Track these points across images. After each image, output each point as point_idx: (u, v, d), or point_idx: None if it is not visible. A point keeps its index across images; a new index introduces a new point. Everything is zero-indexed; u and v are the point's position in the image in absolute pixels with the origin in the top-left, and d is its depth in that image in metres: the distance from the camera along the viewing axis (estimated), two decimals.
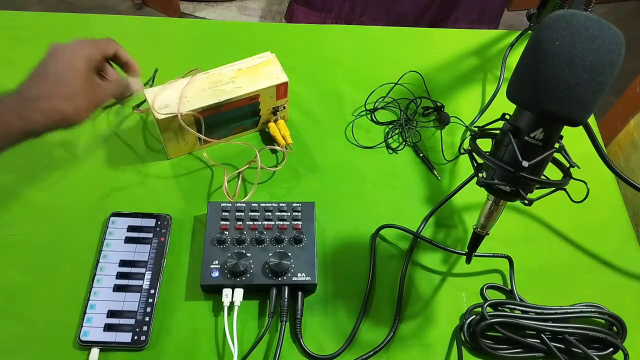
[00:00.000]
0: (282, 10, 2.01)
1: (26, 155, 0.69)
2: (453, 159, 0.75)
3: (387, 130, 0.77)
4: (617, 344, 0.58)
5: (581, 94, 0.40)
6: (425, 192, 0.71)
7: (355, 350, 0.58)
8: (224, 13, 2.04)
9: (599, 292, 0.65)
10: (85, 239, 0.63)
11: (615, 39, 0.40)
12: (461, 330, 0.60)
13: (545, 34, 0.41)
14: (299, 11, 1.77)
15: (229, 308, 0.58)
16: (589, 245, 0.69)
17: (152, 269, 0.61)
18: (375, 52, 0.87)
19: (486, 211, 0.52)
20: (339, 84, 0.81)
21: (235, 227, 0.62)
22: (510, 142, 0.44)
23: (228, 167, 0.70)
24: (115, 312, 0.58)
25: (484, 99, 0.82)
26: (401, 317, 0.61)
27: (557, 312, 0.60)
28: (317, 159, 0.73)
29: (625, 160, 0.94)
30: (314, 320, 0.60)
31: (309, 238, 0.62)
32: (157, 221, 0.64)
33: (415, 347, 0.59)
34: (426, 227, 0.68)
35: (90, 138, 0.72)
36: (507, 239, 0.67)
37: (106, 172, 0.69)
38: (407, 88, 0.81)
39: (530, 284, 0.64)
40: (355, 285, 0.63)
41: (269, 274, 0.59)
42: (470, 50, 0.88)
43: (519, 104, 0.45)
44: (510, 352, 0.58)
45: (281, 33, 0.90)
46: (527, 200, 0.47)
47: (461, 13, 1.73)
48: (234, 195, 0.68)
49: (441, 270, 0.65)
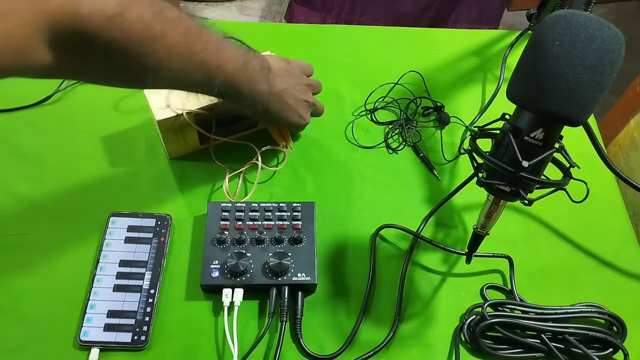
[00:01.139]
0: (282, 10, 2.01)
1: (26, 155, 0.69)
2: (453, 159, 0.75)
3: (387, 130, 0.77)
4: (617, 344, 0.58)
5: (581, 94, 0.40)
6: (425, 192, 0.71)
7: (355, 350, 0.58)
8: (224, 13, 2.04)
9: (599, 292, 0.65)
10: (85, 239, 0.63)
11: (615, 39, 0.40)
12: (461, 330, 0.60)
13: (545, 34, 0.41)
14: (299, 11, 1.77)
15: (229, 308, 0.58)
16: (589, 245, 0.69)
17: (152, 269, 0.61)
18: (375, 52, 0.87)
19: (486, 211, 0.52)
20: (339, 84, 0.81)
21: (235, 227, 0.62)
22: (510, 142, 0.44)
23: (228, 167, 0.70)
24: (115, 312, 0.58)
25: (484, 99, 0.82)
26: (401, 317, 0.61)
27: (557, 312, 0.60)
28: (317, 159, 0.73)
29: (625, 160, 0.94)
30: (314, 320, 0.60)
31: (309, 238, 0.62)
32: (157, 221, 0.64)
33: (415, 347, 0.59)
34: (426, 227, 0.68)
35: (91, 138, 0.72)
36: (507, 239, 0.67)
37: (106, 172, 0.69)
38: (407, 88, 0.81)
39: (530, 284, 0.64)
40: (355, 285, 0.63)
41: (269, 274, 0.59)
42: (470, 50, 0.88)
43: (518, 104, 0.45)
44: (510, 352, 0.58)
45: (281, 33, 0.90)
46: (527, 200, 0.47)
47: (461, 13, 1.73)
48: (234, 195, 0.68)
49: (441, 270, 0.65)
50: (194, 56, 0.49)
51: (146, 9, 0.44)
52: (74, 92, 0.76)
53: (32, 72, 0.40)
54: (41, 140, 0.71)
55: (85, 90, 0.77)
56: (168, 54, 0.47)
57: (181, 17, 0.48)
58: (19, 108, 0.73)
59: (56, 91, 0.75)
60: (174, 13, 0.47)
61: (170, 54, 0.47)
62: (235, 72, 0.53)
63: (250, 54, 0.56)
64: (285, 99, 0.61)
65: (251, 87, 0.56)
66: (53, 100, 0.75)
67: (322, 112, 0.70)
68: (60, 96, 0.76)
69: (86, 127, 0.73)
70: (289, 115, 0.63)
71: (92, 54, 0.43)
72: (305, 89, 0.65)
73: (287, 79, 0.61)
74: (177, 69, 0.48)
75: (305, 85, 0.65)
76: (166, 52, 0.46)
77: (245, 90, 0.55)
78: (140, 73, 0.47)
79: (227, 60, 0.52)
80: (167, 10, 0.46)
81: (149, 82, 0.50)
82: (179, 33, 0.47)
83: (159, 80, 0.50)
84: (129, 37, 0.43)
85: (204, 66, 0.50)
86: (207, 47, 0.50)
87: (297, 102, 0.64)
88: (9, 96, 0.74)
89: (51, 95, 0.75)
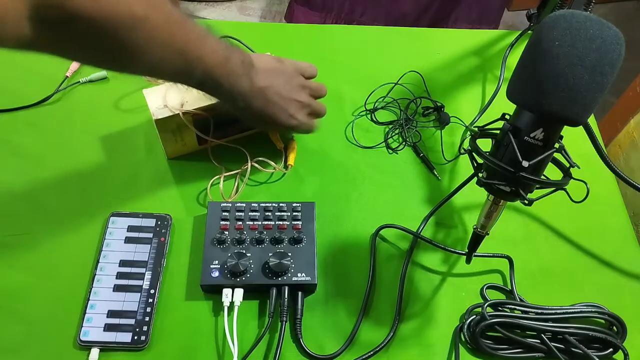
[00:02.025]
0: (282, 10, 2.01)
1: (26, 155, 0.69)
2: (453, 159, 0.75)
3: (387, 130, 0.77)
4: (617, 344, 0.58)
5: (581, 94, 0.40)
6: (425, 192, 0.71)
7: (355, 350, 0.58)
8: (224, 13, 2.04)
9: (599, 292, 0.64)
10: (85, 239, 0.63)
11: (615, 39, 0.40)
12: (461, 330, 0.60)
13: (545, 34, 0.41)
14: (299, 11, 1.77)
15: (229, 308, 0.58)
16: (589, 245, 0.69)
17: (152, 269, 0.61)
18: (375, 52, 0.87)
19: (486, 211, 0.52)
20: (339, 84, 0.81)
21: (235, 227, 0.62)
22: (510, 142, 0.44)
23: (228, 166, 0.70)
24: (115, 312, 0.58)
25: (484, 99, 0.82)
26: (401, 317, 0.61)
27: (557, 312, 0.60)
28: (317, 159, 0.73)
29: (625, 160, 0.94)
30: (314, 320, 0.60)
31: (309, 238, 0.62)
32: (157, 221, 0.64)
33: (415, 347, 0.59)
34: (426, 227, 0.68)
35: (91, 138, 0.72)
36: (507, 239, 0.67)
37: (106, 172, 0.69)
38: (407, 88, 0.81)
39: (530, 284, 0.64)
40: (355, 285, 0.63)
41: (269, 274, 0.59)
42: (470, 50, 0.88)
43: (518, 104, 0.45)
44: (510, 352, 0.58)
45: (281, 33, 0.90)
46: (527, 200, 0.47)
47: (461, 13, 1.73)
48: (230, 195, 0.68)
49: (441, 270, 0.65)
50: (174, 44, 0.49)
51: None
52: (74, 92, 0.76)
53: (5, 42, 0.41)
54: (41, 140, 0.71)
55: (85, 90, 0.77)
56: (148, 38, 0.47)
57: (165, 4, 0.48)
58: (19, 108, 0.73)
59: (56, 91, 0.75)
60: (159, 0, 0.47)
61: (150, 38, 0.47)
62: (215, 65, 0.53)
63: (233, 49, 0.56)
64: (269, 96, 0.60)
65: (231, 81, 0.56)
66: (53, 100, 0.75)
67: (322, 113, 0.69)
68: (60, 96, 0.76)
69: (86, 127, 0.73)
70: (275, 113, 0.62)
71: (71, 32, 0.43)
72: (297, 88, 0.64)
73: (273, 77, 0.61)
74: (156, 55, 0.49)
75: (299, 85, 0.64)
76: (146, 36, 0.47)
77: (225, 84, 0.55)
78: (118, 55, 0.48)
79: (208, 53, 0.52)
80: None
81: (127, 65, 0.50)
82: (161, 19, 0.47)
83: (138, 65, 0.50)
84: (111, 18, 0.43)
85: (184, 56, 0.51)
86: (189, 36, 0.50)
87: (286, 101, 0.62)
88: (9, 96, 0.74)
89: (51, 95, 0.75)
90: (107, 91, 0.76)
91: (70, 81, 0.76)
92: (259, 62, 0.59)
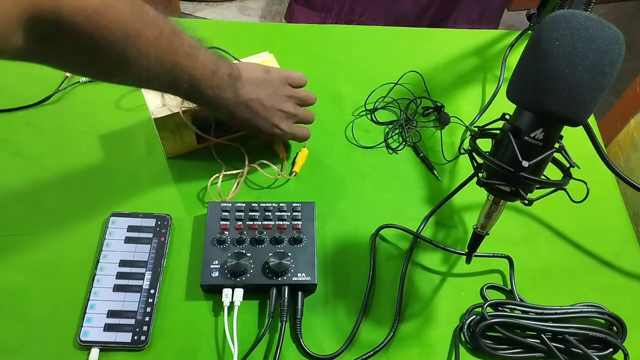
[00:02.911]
0: (282, 10, 2.01)
1: (26, 155, 0.69)
2: (453, 159, 0.75)
3: (387, 130, 0.77)
4: (617, 344, 0.58)
5: (581, 94, 0.40)
6: (425, 192, 0.71)
7: (355, 350, 0.58)
8: (224, 13, 2.04)
9: (599, 292, 0.65)
10: (85, 239, 0.63)
11: (615, 39, 0.40)
12: (461, 330, 0.60)
13: (545, 34, 0.41)
14: (299, 11, 1.77)
15: (229, 308, 0.58)
16: (589, 245, 0.69)
17: (152, 269, 0.61)
18: (375, 52, 0.87)
19: (486, 211, 0.52)
20: (339, 84, 0.81)
21: (235, 227, 0.62)
22: (510, 142, 0.44)
23: (227, 166, 0.70)
24: (115, 312, 0.58)
25: (484, 99, 0.82)
26: (401, 317, 0.61)
27: (557, 312, 0.60)
28: (317, 159, 0.73)
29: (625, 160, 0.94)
30: (314, 320, 0.60)
31: (309, 238, 0.62)
32: (157, 221, 0.64)
33: (415, 347, 0.59)
34: (426, 227, 0.68)
35: (90, 138, 0.72)
36: (507, 239, 0.67)
37: (106, 172, 0.69)
38: (407, 88, 0.81)
39: (530, 284, 0.64)
40: (355, 285, 0.63)
41: (268, 274, 0.59)
42: (470, 50, 0.88)
43: (518, 104, 0.45)
44: (510, 352, 0.58)
45: (281, 33, 0.90)
46: (527, 200, 0.47)
47: (461, 13, 1.73)
48: (227, 195, 0.68)
49: (441, 270, 0.65)
50: (163, 59, 0.51)
51: (125, 9, 0.45)
52: (73, 92, 0.76)
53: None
54: (41, 140, 0.71)
55: (84, 90, 0.77)
56: (138, 54, 0.48)
57: (157, 20, 0.49)
58: (19, 108, 0.73)
59: (56, 91, 0.75)
60: (151, 15, 0.49)
61: (140, 54, 0.49)
62: (202, 78, 0.55)
63: (221, 62, 0.57)
64: (253, 108, 0.62)
65: (215, 93, 0.58)
66: (53, 100, 0.75)
67: (310, 121, 0.70)
68: (60, 96, 0.76)
69: (86, 126, 0.73)
70: (258, 123, 0.63)
71: (64, 45, 0.44)
72: (283, 99, 0.65)
73: (259, 88, 0.62)
74: (145, 69, 0.50)
75: (285, 95, 0.65)
76: (137, 52, 0.48)
77: (210, 96, 0.57)
78: (108, 69, 0.50)
79: (196, 66, 0.54)
80: (146, 12, 0.48)
81: (115, 77, 0.52)
82: (153, 35, 0.49)
83: (127, 77, 0.52)
84: (104, 34, 0.44)
85: (173, 70, 0.52)
86: (179, 51, 0.52)
87: (270, 112, 0.63)
88: (9, 96, 0.74)
89: (51, 95, 0.75)
90: (106, 91, 0.76)
91: (70, 81, 0.76)
92: (245, 73, 0.61)
